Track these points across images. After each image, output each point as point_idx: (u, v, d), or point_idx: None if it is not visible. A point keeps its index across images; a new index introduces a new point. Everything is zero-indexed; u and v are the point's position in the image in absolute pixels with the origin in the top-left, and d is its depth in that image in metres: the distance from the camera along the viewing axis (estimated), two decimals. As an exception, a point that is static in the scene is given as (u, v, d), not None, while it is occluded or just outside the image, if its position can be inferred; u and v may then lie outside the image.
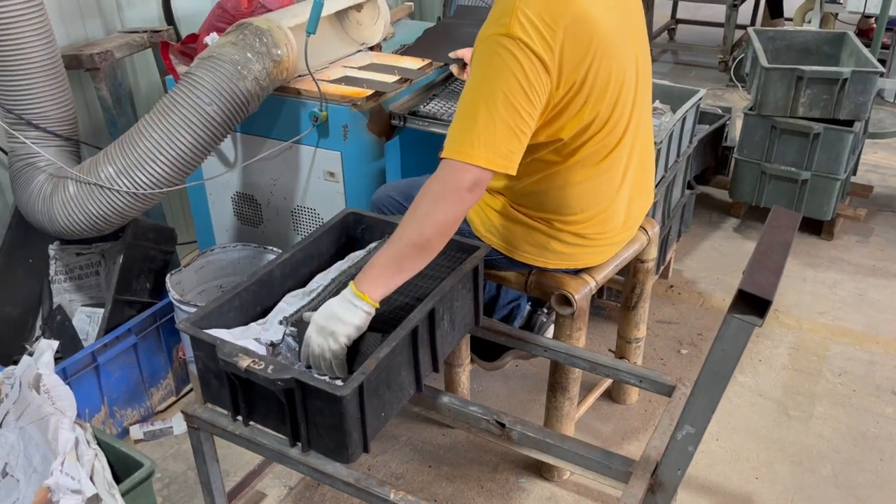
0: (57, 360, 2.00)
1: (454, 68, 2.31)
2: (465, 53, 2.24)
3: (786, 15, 5.14)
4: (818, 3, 4.39)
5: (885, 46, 4.42)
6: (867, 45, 3.32)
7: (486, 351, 2.30)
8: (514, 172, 1.49)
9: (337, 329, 1.44)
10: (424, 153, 2.52)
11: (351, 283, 1.48)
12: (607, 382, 2.26)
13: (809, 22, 4.51)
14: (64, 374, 1.97)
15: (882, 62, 4.10)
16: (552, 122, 1.57)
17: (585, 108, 1.58)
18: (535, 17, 1.45)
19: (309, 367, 1.50)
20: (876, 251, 3.11)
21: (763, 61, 2.98)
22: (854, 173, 3.34)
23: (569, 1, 1.49)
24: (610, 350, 2.42)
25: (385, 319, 1.58)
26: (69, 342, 2.21)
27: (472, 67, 1.52)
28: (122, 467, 1.57)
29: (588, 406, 2.20)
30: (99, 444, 1.59)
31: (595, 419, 2.26)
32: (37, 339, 2.27)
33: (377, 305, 1.48)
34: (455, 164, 1.44)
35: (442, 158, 1.47)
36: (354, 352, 1.50)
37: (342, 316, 1.45)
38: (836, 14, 4.74)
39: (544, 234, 1.77)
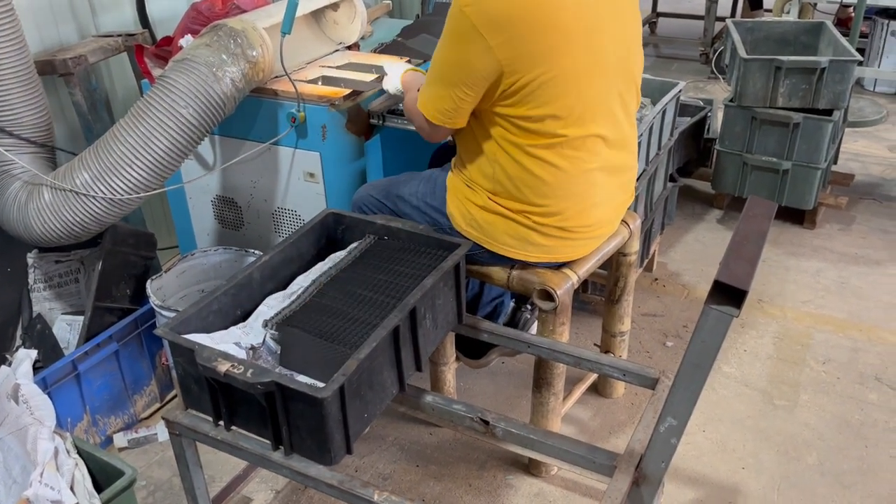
0: (38, 369, 1.99)
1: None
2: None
3: (765, 6, 5.16)
4: (796, -6, 4.40)
5: (863, 35, 4.45)
6: (846, 35, 3.34)
7: (472, 349, 2.29)
8: (458, 126, 1.75)
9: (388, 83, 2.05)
10: (405, 151, 2.50)
11: (405, 72, 2.01)
12: (593, 377, 2.26)
13: (788, 12, 4.53)
14: (44, 384, 1.94)
15: (861, 51, 4.13)
16: (509, 102, 1.65)
17: (545, 98, 1.62)
18: (493, 4, 1.55)
19: None
20: (858, 239, 3.12)
21: (742, 53, 2.99)
22: (835, 162, 3.36)
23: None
24: (595, 344, 2.42)
25: (365, 320, 1.58)
26: (50, 351, 2.18)
27: (444, 28, 1.67)
28: (103, 476, 1.56)
29: (574, 401, 2.20)
30: (79, 453, 1.58)
31: (582, 413, 2.26)
32: (17, 348, 2.24)
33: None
34: (429, 120, 1.76)
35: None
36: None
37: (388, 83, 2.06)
38: (815, 4, 4.76)
39: (524, 226, 1.76)
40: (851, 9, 4.39)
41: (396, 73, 2.05)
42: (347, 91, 2.11)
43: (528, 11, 1.55)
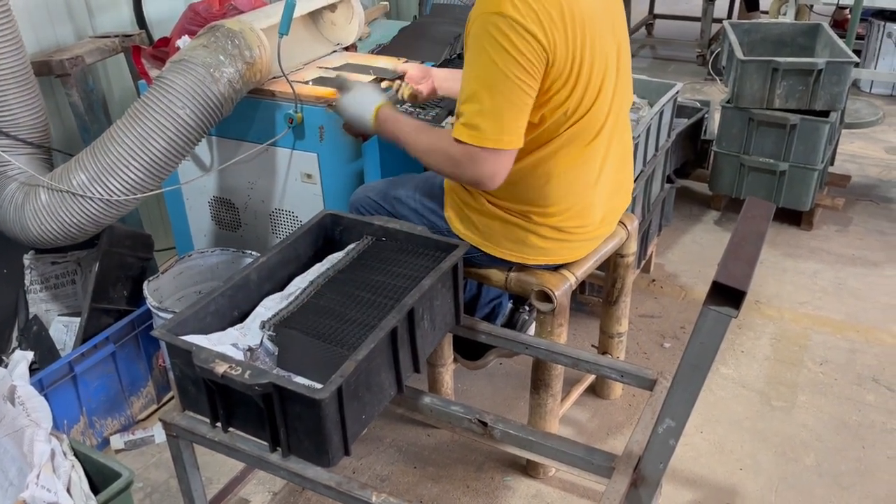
0: (34, 370, 1.98)
1: (399, 87, 2.08)
2: (407, 69, 2.10)
3: (761, 7, 5.17)
4: (793, -4, 4.41)
5: (859, 37, 4.46)
6: (842, 37, 3.34)
7: (469, 350, 2.29)
8: (521, 145, 1.57)
9: (352, 120, 1.83)
10: (403, 153, 2.50)
11: (384, 102, 1.77)
12: (590, 378, 2.26)
13: (784, 14, 4.54)
14: (41, 385, 1.94)
15: (857, 53, 4.14)
16: (540, 106, 1.59)
17: (574, 92, 1.60)
18: (526, 5, 1.48)
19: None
20: (854, 240, 3.13)
21: (739, 54, 2.99)
22: (832, 163, 3.37)
23: None
24: (593, 345, 2.42)
25: (363, 322, 1.57)
26: (46, 352, 2.18)
27: (468, 48, 1.55)
28: (100, 478, 1.56)
29: (572, 402, 2.20)
30: (76, 455, 1.57)
31: (580, 414, 2.26)
32: (13, 350, 2.23)
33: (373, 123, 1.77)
34: (471, 150, 1.55)
35: (456, 140, 1.56)
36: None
37: (353, 117, 1.83)
38: (811, 6, 4.77)
39: (522, 228, 1.76)
40: (848, 11, 4.40)
41: (368, 102, 1.78)
42: (345, 92, 2.11)
43: (559, 10, 1.52)
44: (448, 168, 1.63)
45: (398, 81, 2.08)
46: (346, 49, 2.50)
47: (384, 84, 2.08)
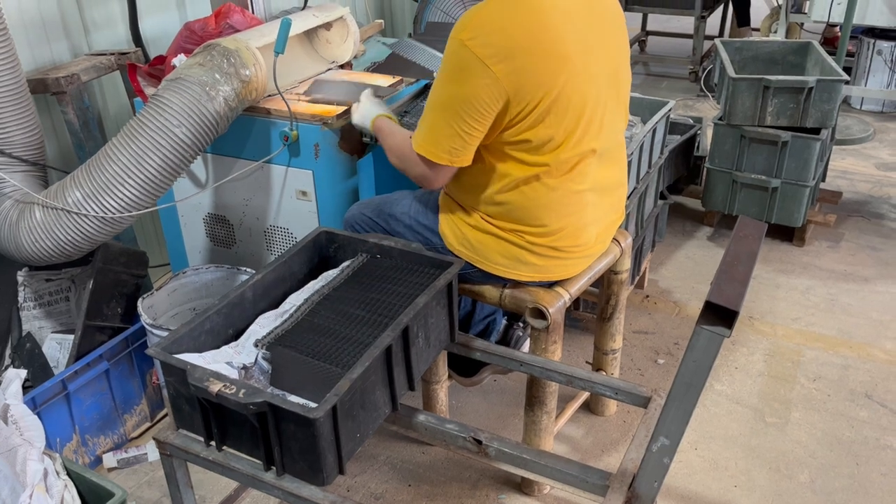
0: (27, 388, 1.97)
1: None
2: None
3: (753, 25, 5.23)
4: (783, 14, 4.47)
5: (850, 54, 4.51)
6: (832, 54, 3.38)
7: (464, 367, 2.29)
8: (464, 164, 1.69)
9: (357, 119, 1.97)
10: (398, 170, 2.51)
11: (378, 118, 1.91)
12: (585, 395, 2.26)
13: (776, 32, 4.59)
14: (34, 403, 1.93)
15: (847, 70, 4.18)
16: (514, 128, 1.63)
17: (547, 121, 1.62)
18: (495, 36, 1.55)
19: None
20: (846, 256, 3.15)
21: (730, 72, 3.02)
22: (823, 180, 3.39)
23: (533, 13, 1.54)
24: (587, 362, 2.43)
25: (358, 339, 1.58)
26: (39, 370, 2.17)
27: (441, 64, 1.65)
28: (93, 497, 1.55)
29: (567, 419, 2.20)
30: (69, 474, 1.56)
31: (574, 431, 2.26)
32: (6, 367, 2.22)
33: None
34: (428, 163, 1.70)
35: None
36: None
37: (357, 118, 1.99)
38: (802, 24, 4.83)
39: (517, 245, 1.77)
40: (838, 28, 4.46)
41: (368, 113, 1.97)
42: (340, 110, 2.12)
43: (530, 41, 1.56)
44: (398, 160, 1.80)
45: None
46: (342, 67, 2.52)
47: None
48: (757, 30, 5.20)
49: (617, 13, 1.77)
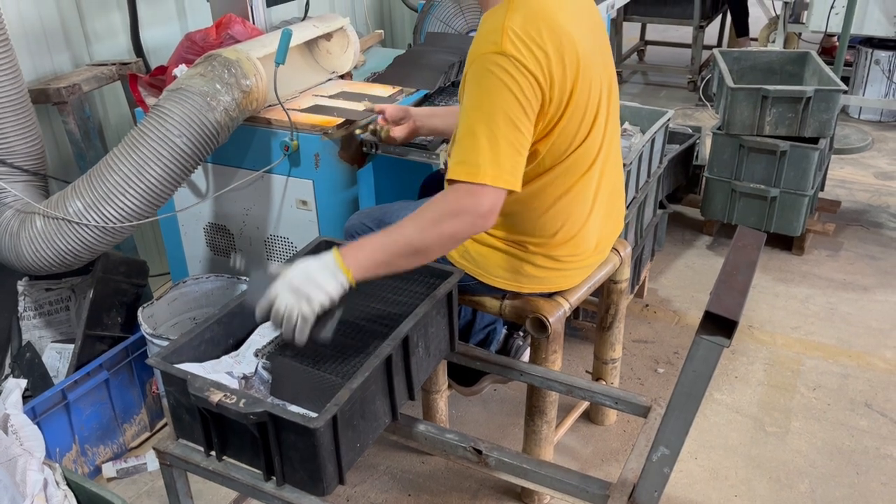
0: (27, 398, 1.97)
1: (377, 128, 2.07)
2: (385, 108, 2.06)
3: (751, 34, 5.25)
4: (781, 23, 4.49)
5: (847, 64, 4.53)
6: (830, 64, 3.40)
7: (464, 376, 2.29)
8: (519, 189, 1.51)
9: (312, 294, 1.40)
10: (398, 179, 2.52)
11: (335, 250, 1.45)
12: (585, 404, 2.26)
13: (774, 42, 4.61)
14: (34, 413, 1.93)
15: (845, 80, 4.20)
16: (537, 141, 1.60)
17: (569, 126, 1.62)
18: (523, 33, 1.50)
19: (272, 321, 1.44)
20: (845, 265, 3.15)
21: (729, 82, 3.04)
22: (822, 189, 3.40)
23: (553, 20, 1.54)
24: (587, 371, 2.43)
25: (358, 349, 1.58)
26: (39, 380, 2.17)
27: (467, 88, 1.54)
28: (92, 508, 1.54)
29: (567, 428, 2.19)
30: (69, 484, 1.56)
31: (574, 441, 2.26)
32: (6, 377, 2.22)
33: (354, 285, 1.45)
34: (469, 187, 1.46)
35: (449, 181, 1.48)
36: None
37: (321, 282, 1.41)
38: (800, 34, 4.85)
39: (517, 258, 1.78)
40: (836, 38, 4.48)
41: (323, 263, 1.45)
42: (340, 120, 2.13)
43: (554, 46, 1.53)
44: (448, 220, 1.46)
45: (376, 122, 2.06)
46: (342, 77, 2.53)
47: (360, 128, 2.06)
48: (755, 40, 5.22)
49: (602, 26, 1.78)
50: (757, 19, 5.31)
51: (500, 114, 1.47)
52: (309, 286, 1.41)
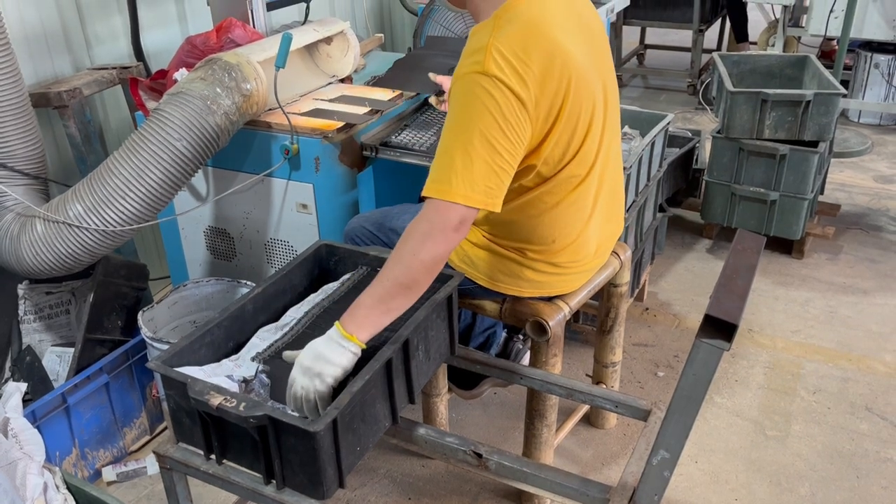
0: (27, 401, 1.97)
1: (433, 99, 2.34)
2: (444, 81, 2.26)
3: (751, 39, 5.26)
4: (781, 27, 4.49)
5: (847, 68, 4.53)
6: (829, 68, 3.40)
7: (464, 379, 2.29)
8: (497, 209, 1.50)
9: (324, 370, 1.41)
10: (398, 183, 2.53)
11: (337, 323, 1.46)
12: (585, 408, 2.26)
13: (773, 46, 4.62)
14: (34, 417, 1.93)
15: (845, 83, 4.21)
16: (530, 154, 1.59)
17: (561, 139, 1.60)
18: (508, 52, 1.47)
19: (293, 408, 1.45)
20: (845, 268, 3.15)
21: (728, 85, 3.04)
22: (821, 192, 3.41)
23: (541, 34, 1.52)
24: (587, 375, 2.43)
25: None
26: (39, 383, 2.17)
27: (449, 105, 1.53)
28: (92, 511, 1.54)
29: (567, 431, 2.19)
30: (69, 488, 1.56)
31: (574, 444, 2.26)
32: (6, 380, 2.22)
33: (364, 346, 1.46)
34: (438, 204, 1.45)
35: (424, 198, 1.48)
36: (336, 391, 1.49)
37: (329, 357, 1.42)
38: (799, 37, 4.86)
39: (518, 263, 1.78)
40: (835, 42, 4.49)
41: (329, 339, 1.45)
42: (340, 123, 2.13)
43: (542, 61, 1.51)
44: (423, 248, 1.44)
45: (433, 97, 2.22)
46: (342, 81, 2.54)
47: (432, 100, 2.26)
48: (754, 43, 5.23)
49: (601, 30, 1.77)
50: (756, 23, 5.32)
51: (478, 134, 1.45)
52: (319, 364, 1.42)
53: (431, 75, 2.30)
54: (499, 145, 1.46)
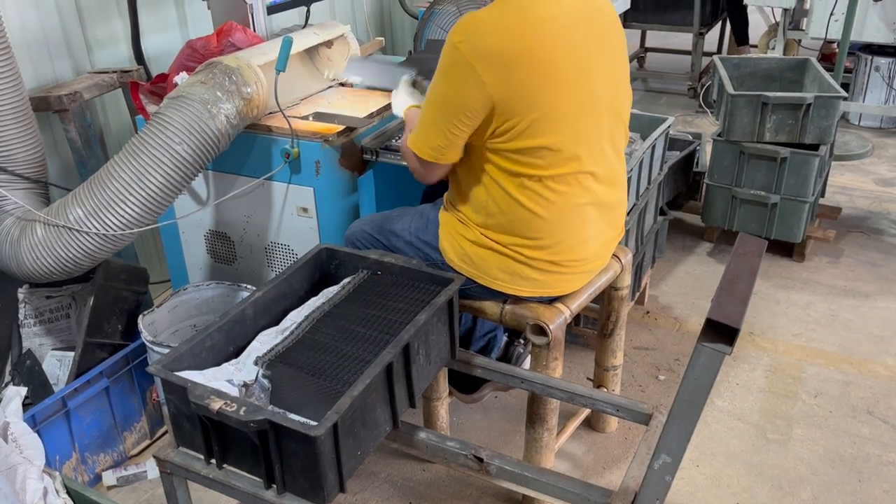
0: (27, 405, 1.97)
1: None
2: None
3: (751, 42, 5.26)
4: (781, 30, 4.49)
5: (847, 71, 4.53)
6: (830, 70, 3.40)
7: (465, 383, 2.28)
8: (448, 161, 1.75)
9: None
10: (398, 187, 2.52)
11: (409, 110, 1.97)
12: (586, 411, 2.25)
13: (773, 49, 4.61)
14: (33, 421, 1.92)
15: (845, 86, 4.21)
16: (505, 136, 1.66)
17: (537, 133, 1.63)
18: (487, 42, 1.57)
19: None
20: (846, 272, 3.15)
21: (729, 88, 3.04)
22: (822, 195, 3.40)
23: (530, 23, 1.55)
24: (588, 378, 2.42)
25: (359, 356, 1.58)
26: (39, 387, 2.16)
27: (438, 63, 1.68)
28: (92, 516, 1.54)
29: (568, 435, 2.19)
30: (69, 492, 1.56)
31: (575, 448, 2.25)
32: (6, 384, 2.22)
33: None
34: (419, 158, 1.77)
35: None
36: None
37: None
38: (799, 40, 4.86)
39: (516, 260, 1.78)
40: (835, 45, 4.48)
41: (402, 103, 2.04)
42: (341, 127, 2.13)
43: (521, 51, 1.58)
44: (402, 152, 1.89)
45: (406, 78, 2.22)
46: (342, 84, 2.53)
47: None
48: (755, 46, 5.23)
49: (618, 31, 1.78)
50: (757, 26, 5.32)
51: (444, 102, 1.67)
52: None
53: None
54: (451, 114, 1.65)
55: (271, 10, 2.51)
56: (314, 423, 1.35)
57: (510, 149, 1.66)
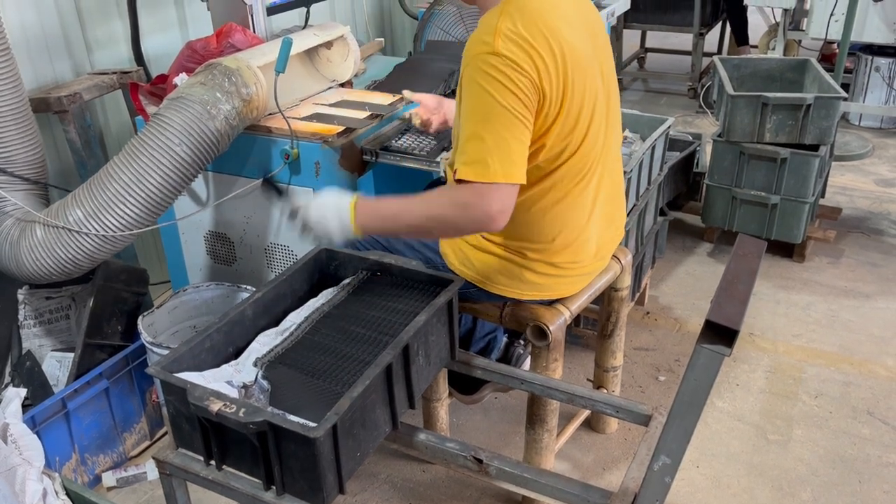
0: (27, 407, 1.97)
1: (406, 114, 2.18)
2: (421, 98, 2.15)
3: (751, 42, 5.26)
4: (781, 31, 4.49)
5: (847, 71, 4.53)
6: (830, 71, 3.40)
7: (464, 384, 2.28)
8: (519, 179, 1.55)
9: (331, 232, 1.69)
10: (398, 187, 2.52)
11: (352, 206, 1.65)
12: (586, 412, 2.25)
13: (774, 49, 4.61)
14: (33, 422, 1.92)
15: (846, 86, 4.20)
16: (533, 142, 1.61)
17: (563, 131, 1.62)
18: (515, 35, 1.52)
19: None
20: (847, 272, 3.15)
21: (729, 89, 3.04)
22: (822, 196, 3.40)
23: (546, 23, 1.56)
24: (588, 379, 2.42)
25: (358, 358, 1.57)
26: (39, 389, 2.16)
27: (465, 89, 1.57)
28: (92, 517, 1.54)
29: (568, 436, 2.19)
30: (68, 493, 1.56)
31: (575, 449, 2.25)
32: (6, 386, 2.22)
33: (359, 236, 1.69)
34: (478, 187, 1.52)
35: (459, 181, 1.54)
36: None
37: (331, 229, 1.68)
38: (799, 41, 4.86)
39: (517, 264, 1.77)
40: (836, 45, 4.48)
41: (341, 202, 1.68)
42: (341, 128, 2.13)
43: (550, 45, 1.55)
44: (454, 218, 1.55)
45: (411, 110, 2.15)
46: (342, 85, 2.53)
47: (400, 118, 2.21)
48: (755, 47, 5.23)
49: (605, 32, 1.79)
50: (757, 27, 5.32)
51: (500, 109, 1.50)
52: (322, 229, 1.70)
53: (407, 93, 2.19)
54: (520, 116, 1.52)
55: (271, 10, 2.51)
56: (313, 425, 1.35)
57: (529, 156, 1.61)
